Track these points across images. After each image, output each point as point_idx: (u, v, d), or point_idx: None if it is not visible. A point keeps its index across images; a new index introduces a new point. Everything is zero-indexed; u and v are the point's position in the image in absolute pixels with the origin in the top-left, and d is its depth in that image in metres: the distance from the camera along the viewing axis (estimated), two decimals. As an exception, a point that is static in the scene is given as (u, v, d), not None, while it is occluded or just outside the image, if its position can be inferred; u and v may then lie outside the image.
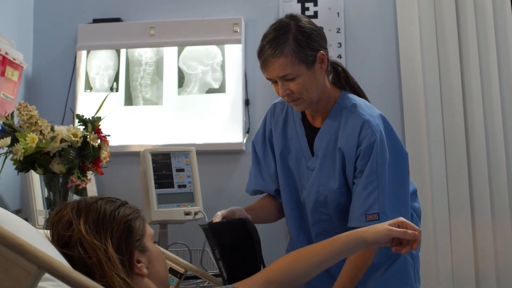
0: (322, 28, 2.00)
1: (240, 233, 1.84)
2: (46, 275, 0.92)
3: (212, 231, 1.80)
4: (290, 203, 2.13)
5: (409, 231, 1.60)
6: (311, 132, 2.05)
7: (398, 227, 1.59)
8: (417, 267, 2.08)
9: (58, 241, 1.32)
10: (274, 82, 1.90)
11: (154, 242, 1.49)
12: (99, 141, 2.30)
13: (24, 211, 2.96)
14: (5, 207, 2.86)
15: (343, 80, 2.05)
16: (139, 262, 1.37)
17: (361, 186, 1.89)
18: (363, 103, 1.99)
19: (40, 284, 0.99)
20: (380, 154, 1.88)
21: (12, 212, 2.84)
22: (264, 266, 1.84)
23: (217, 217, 1.84)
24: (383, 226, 1.61)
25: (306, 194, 2.05)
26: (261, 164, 2.20)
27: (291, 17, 1.91)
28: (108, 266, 1.28)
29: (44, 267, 0.91)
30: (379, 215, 1.85)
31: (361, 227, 1.80)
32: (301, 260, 1.65)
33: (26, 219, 2.75)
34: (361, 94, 2.09)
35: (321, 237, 1.92)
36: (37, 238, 1.20)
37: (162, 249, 1.92)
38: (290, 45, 1.83)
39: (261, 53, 1.88)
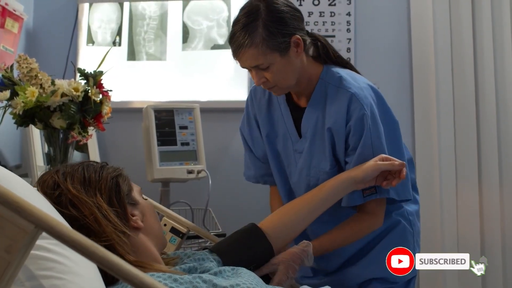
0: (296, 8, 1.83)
1: None
2: (44, 233, 0.88)
3: None
4: (283, 189, 2.05)
5: (396, 162, 1.71)
6: (297, 113, 1.94)
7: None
8: (417, 235, 2.03)
9: None
10: (249, 69, 1.80)
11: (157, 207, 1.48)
12: (100, 96, 2.25)
13: (24, 167, 2.92)
14: (5, 162, 2.83)
15: (324, 55, 1.91)
16: (133, 215, 1.40)
17: (356, 162, 1.79)
18: (349, 75, 1.87)
19: (38, 242, 0.95)
20: (373, 127, 1.77)
21: (12, 167, 2.82)
22: None
23: None
24: (370, 162, 1.72)
25: (296, 179, 1.96)
26: (253, 150, 2.10)
27: None
28: (105, 222, 1.29)
29: (42, 226, 0.87)
30: (376, 189, 1.78)
31: (358, 204, 1.79)
32: (293, 211, 1.72)
33: (26, 175, 2.72)
34: (347, 65, 1.96)
35: (317, 226, 1.87)
36: (34, 197, 1.17)
37: (164, 208, 1.90)
38: (260, 34, 1.69)
39: (231, 40, 1.75)
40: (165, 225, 1.88)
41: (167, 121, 2.77)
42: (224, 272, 1.38)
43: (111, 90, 2.30)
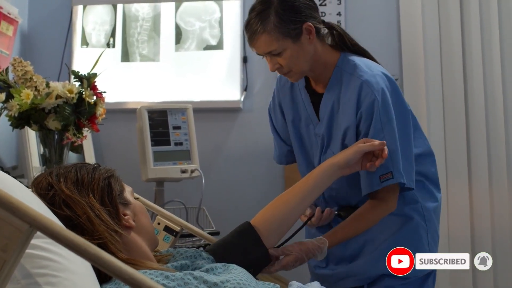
0: None
1: None
2: (39, 232, 0.91)
3: None
4: (307, 171, 2.02)
5: (376, 142, 1.74)
6: (316, 98, 2.00)
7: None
8: (433, 232, 2.04)
9: None
10: (264, 56, 1.87)
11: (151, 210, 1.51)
12: (94, 97, 2.28)
13: (20, 168, 2.95)
14: (1, 163, 2.86)
15: (340, 43, 1.96)
16: (125, 215, 1.42)
17: None
18: (363, 63, 1.91)
19: (33, 241, 0.98)
20: (383, 112, 1.80)
21: (8, 168, 2.84)
22: None
23: None
24: (352, 146, 1.76)
25: (318, 161, 2.00)
26: (278, 132, 2.19)
27: None
28: (97, 221, 1.32)
29: (36, 225, 0.90)
30: (392, 174, 1.80)
31: (377, 189, 1.82)
32: (283, 205, 1.73)
33: (22, 176, 2.75)
34: (365, 54, 2.01)
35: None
36: (29, 197, 1.20)
37: (158, 207, 1.94)
38: (272, 21, 1.77)
39: (247, 28, 1.83)
40: (159, 224, 1.91)
41: (160, 121, 2.79)
42: (215, 269, 1.40)
43: (105, 92, 2.32)
